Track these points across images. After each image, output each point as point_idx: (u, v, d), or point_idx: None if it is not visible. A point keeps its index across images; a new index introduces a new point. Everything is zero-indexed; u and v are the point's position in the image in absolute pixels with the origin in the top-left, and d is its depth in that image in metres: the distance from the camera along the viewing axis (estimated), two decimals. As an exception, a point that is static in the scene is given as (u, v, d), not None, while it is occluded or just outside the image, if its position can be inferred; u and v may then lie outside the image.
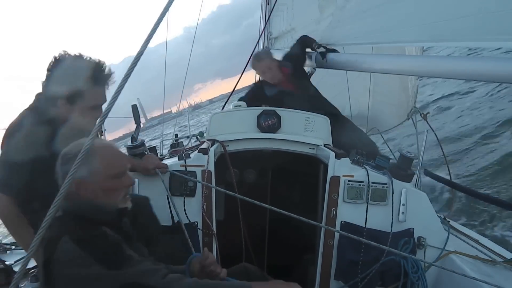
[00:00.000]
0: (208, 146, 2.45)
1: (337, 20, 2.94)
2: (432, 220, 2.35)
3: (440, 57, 2.12)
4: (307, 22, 3.62)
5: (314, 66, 3.35)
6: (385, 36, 2.36)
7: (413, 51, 4.18)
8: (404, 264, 2.19)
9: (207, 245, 2.30)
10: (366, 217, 2.31)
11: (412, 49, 4.17)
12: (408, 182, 2.40)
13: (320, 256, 2.37)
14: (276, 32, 4.30)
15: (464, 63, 1.76)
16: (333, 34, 3.01)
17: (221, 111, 3.17)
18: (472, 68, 1.70)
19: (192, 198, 2.33)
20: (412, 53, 4.11)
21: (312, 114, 2.75)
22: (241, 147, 2.63)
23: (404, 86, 4.84)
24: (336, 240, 2.34)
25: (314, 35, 3.38)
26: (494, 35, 1.57)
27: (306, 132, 2.69)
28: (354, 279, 2.27)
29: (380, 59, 2.46)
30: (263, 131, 2.65)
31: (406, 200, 2.30)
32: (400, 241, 2.27)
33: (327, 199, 2.36)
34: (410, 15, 2.13)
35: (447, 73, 1.86)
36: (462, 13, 1.73)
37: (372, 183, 2.32)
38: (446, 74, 1.89)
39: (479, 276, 1.90)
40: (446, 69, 1.86)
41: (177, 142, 2.95)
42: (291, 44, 3.90)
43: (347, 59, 2.78)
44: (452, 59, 1.92)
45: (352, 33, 2.77)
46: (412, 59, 2.42)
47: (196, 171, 2.34)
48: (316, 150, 2.63)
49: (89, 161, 1.35)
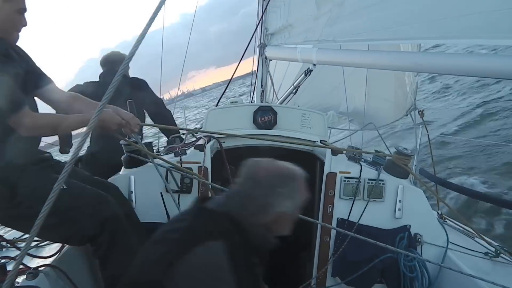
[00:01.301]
0: (204, 143, 2.43)
1: (336, 16, 2.92)
2: (429, 217, 2.36)
3: (429, 54, 2.13)
4: (304, 19, 3.59)
5: (314, 62, 3.33)
6: (387, 33, 2.34)
7: (409, 48, 4.17)
8: (400, 261, 2.20)
9: None
10: (362, 214, 2.30)
11: (407, 46, 4.16)
12: (404, 179, 2.40)
13: (317, 253, 2.37)
14: (272, 28, 4.27)
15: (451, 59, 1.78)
16: (332, 31, 2.99)
17: (218, 107, 3.15)
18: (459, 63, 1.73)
19: (188, 195, 2.32)
20: (408, 50, 4.11)
21: (308, 111, 2.74)
22: (238, 144, 2.61)
23: (400, 82, 4.83)
24: (333, 237, 2.34)
25: (313, 32, 3.35)
26: (504, 33, 1.57)
27: (302, 128, 2.68)
28: (351, 276, 2.27)
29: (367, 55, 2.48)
30: (260, 128, 2.64)
31: (402, 196, 2.30)
32: (396, 237, 2.27)
33: (323, 196, 2.35)
34: (413, 12, 2.12)
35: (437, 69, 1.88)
36: (468, 11, 1.72)
37: (369, 179, 2.31)
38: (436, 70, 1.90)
39: (475, 272, 1.90)
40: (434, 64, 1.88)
41: (173, 138, 2.92)
42: (288, 41, 3.87)
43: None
44: (439, 56, 1.94)
45: (352, 30, 2.75)
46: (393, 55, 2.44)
47: (192, 168, 2.33)
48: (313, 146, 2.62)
49: (295, 196, 1.32)
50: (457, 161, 8.00)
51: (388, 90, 5.06)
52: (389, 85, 4.97)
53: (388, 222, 2.32)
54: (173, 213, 2.26)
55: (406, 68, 2.48)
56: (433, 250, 2.29)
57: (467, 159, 7.98)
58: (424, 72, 4.10)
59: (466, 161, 7.90)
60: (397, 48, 3.95)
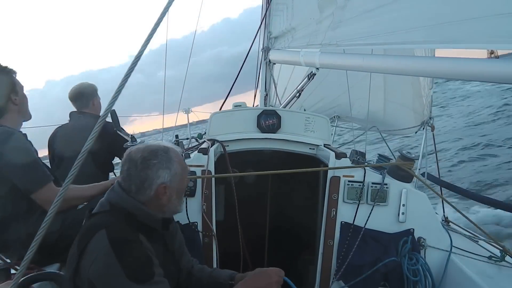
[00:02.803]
0: (208, 146, 2.44)
1: (339, 20, 2.91)
2: (432, 221, 2.35)
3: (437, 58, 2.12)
4: (307, 22, 3.59)
5: (317, 66, 3.33)
6: (391, 37, 2.34)
7: (422, 53, 4.14)
8: (403, 265, 2.19)
9: (207, 246, 2.30)
10: (368, 218, 2.30)
11: (420, 51, 4.13)
12: (408, 183, 2.40)
13: (320, 257, 2.37)
14: (275, 32, 4.28)
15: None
16: (335, 34, 2.98)
17: (221, 111, 3.16)
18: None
19: (192, 198, 2.33)
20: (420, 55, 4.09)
21: (312, 114, 2.74)
22: (241, 147, 2.62)
23: (417, 93, 4.81)
24: (336, 241, 2.34)
25: (315, 35, 3.35)
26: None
27: (306, 132, 2.69)
28: (354, 279, 2.26)
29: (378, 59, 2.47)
30: (263, 131, 2.65)
31: (406, 200, 2.29)
32: (400, 241, 2.27)
33: (327, 200, 2.36)
34: (418, 16, 2.11)
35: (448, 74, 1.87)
36: (476, 15, 1.71)
37: (372, 183, 2.31)
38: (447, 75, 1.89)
39: (479, 277, 1.90)
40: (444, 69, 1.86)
41: (177, 142, 2.94)
42: (291, 44, 3.88)
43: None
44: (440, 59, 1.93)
45: (355, 34, 2.74)
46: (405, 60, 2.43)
47: (196, 171, 2.34)
48: (316, 150, 2.63)
49: (170, 165, 1.42)
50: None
51: (407, 97, 5.04)
52: (407, 93, 4.97)
53: (391, 226, 2.31)
54: (176, 217, 2.27)
55: (410, 72, 2.46)
56: (436, 254, 2.28)
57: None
58: (430, 76, 4.09)
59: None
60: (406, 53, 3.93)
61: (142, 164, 1.39)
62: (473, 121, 14.57)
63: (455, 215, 3.05)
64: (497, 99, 17.76)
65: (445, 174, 6.98)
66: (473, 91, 23.97)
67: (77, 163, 0.99)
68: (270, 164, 3.08)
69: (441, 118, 16.06)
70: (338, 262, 2.33)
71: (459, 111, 18.27)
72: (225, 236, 2.46)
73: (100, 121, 1.03)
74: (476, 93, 22.88)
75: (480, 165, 9.17)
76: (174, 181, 1.44)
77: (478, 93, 22.40)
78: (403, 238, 2.27)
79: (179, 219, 2.27)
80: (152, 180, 1.40)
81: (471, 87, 25.14)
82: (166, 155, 1.43)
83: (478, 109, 16.79)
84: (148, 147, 1.44)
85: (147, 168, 1.39)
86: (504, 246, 2.24)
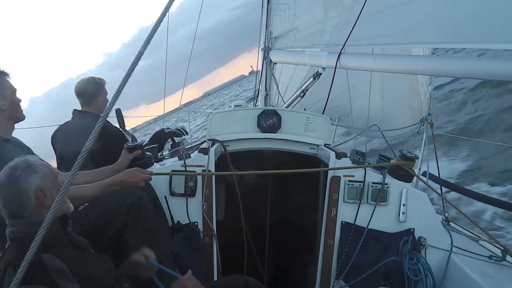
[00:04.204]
0: (208, 146, 2.44)
1: (345, 21, 2.90)
2: (433, 221, 2.35)
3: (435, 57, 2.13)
4: (311, 22, 3.59)
5: (323, 66, 3.33)
6: (400, 38, 2.33)
7: (420, 52, 4.13)
8: (404, 265, 2.19)
9: (207, 246, 2.30)
10: (371, 219, 2.31)
11: (419, 51, 4.13)
12: (408, 182, 2.40)
13: (321, 256, 2.37)
14: (276, 32, 4.28)
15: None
16: (342, 35, 2.96)
17: (221, 111, 3.16)
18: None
19: (193, 198, 2.33)
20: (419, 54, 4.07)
21: (313, 114, 2.74)
22: (242, 147, 2.62)
23: (414, 90, 4.80)
24: (337, 241, 2.34)
25: (321, 35, 3.34)
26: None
27: (306, 132, 2.69)
28: (355, 279, 2.27)
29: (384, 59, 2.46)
30: (264, 131, 2.65)
31: (406, 200, 2.29)
32: (400, 241, 2.27)
33: (327, 199, 2.36)
34: (426, 17, 2.11)
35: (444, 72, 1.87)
36: (490, 15, 1.70)
37: (373, 183, 2.31)
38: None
39: (480, 276, 1.90)
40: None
41: (177, 142, 2.94)
42: (294, 44, 3.87)
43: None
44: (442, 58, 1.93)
45: (363, 34, 2.72)
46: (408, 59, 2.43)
47: (196, 171, 2.34)
48: (317, 150, 2.63)
49: (35, 169, 1.43)
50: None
51: (404, 95, 5.02)
52: (404, 91, 4.95)
53: (392, 226, 2.31)
54: (177, 216, 2.28)
55: (422, 71, 2.44)
56: (437, 253, 2.28)
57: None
58: (439, 75, 4.07)
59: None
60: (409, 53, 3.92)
61: (9, 182, 1.39)
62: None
63: (456, 215, 3.05)
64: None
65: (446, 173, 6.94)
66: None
67: (77, 163, 0.99)
68: (271, 164, 3.08)
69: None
70: (339, 262, 2.33)
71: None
72: (225, 236, 2.46)
73: (100, 122, 1.03)
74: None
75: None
76: (47, 181, 1.45)
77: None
78: (403, 237, 2.27)
79: (180, 219, 2.28)
80: (27, 189, 1.40)
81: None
82: (26, 163, 1.44)
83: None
84: (5, 167, 1.44)
85: (16, 182, 1.39)
86: (505, 245, 2.24)
